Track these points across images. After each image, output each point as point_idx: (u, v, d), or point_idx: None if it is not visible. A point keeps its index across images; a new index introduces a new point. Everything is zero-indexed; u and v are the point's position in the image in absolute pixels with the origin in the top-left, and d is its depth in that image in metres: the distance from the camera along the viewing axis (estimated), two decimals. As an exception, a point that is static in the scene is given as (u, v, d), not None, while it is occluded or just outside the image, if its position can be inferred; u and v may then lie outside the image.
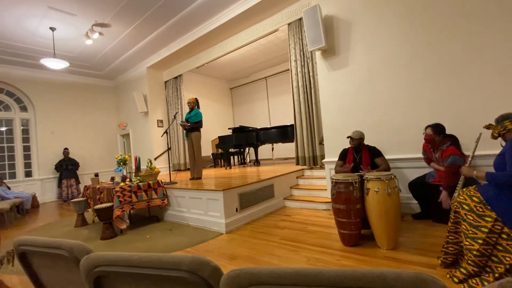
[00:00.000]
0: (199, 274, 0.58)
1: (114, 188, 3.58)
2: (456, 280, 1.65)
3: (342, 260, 2.20)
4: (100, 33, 5.53)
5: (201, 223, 3.51)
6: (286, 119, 7.57)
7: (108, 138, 8.71)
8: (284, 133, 6.25)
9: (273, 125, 8.30)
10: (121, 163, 4.30)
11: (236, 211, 3.39)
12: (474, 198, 1.68)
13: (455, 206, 1.78)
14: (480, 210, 1.62)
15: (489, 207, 1.59)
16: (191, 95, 7.10)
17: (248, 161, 8.38)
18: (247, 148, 7.84)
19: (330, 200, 2.64)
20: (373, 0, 3.49)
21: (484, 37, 2.77)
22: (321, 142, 4.45)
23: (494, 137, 1.83)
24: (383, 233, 2.29)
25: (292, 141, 5.58)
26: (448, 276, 1.73)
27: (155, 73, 7.79)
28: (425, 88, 3.15)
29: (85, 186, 4.60)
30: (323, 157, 4.29)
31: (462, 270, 1.65)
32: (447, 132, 2.73)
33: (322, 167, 4.49)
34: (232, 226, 3.27)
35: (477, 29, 2.81)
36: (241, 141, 6.66)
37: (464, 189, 1.91)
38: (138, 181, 3.89)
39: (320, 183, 4.37)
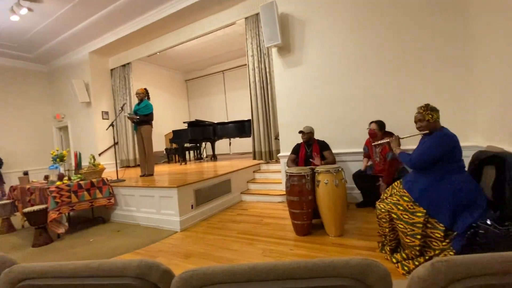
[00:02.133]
0: (147, 279, 0.53)
1: (48, 187, 3.15)
2: (394, 260, 1.86)
3: (295, 249, 2.31)
4: (29, 9, 4.74)
5: (153, 222, 3.32)
6: (244, 114, 7.57)
7: (41, 131, 7.59)
8: (242, 128, 6.25)
9: (230, 119, 8.23)
10: (58, 160, 3.79)
11: (192, 208, 3.29)
12: (405, 198, 1.86)
13: (389, 207, 1.90)
14: (412, 208, 1.80)
15: (417, 204, 1.79)
16: (141, 85, 6.58)
17: (204, 156, 8.19)
18: (203, 143, 7.65)
19: (285, 192, 2.74)
20: (325, 2, 3.67)
21: (419, 42, 3.15)
22: (276, 137, 4.57)
23: (422, 125, 1.91)
24: (332, 222, 2.46)
25: (249, 136, 5.62)
26: (386, 257, 1.95)
27: (99, 59, 7.02)
28: (369, 88, 3.46)
29: (12, 187, 3.97)
30: (278, 151, 4.42)
31: (403, 255, 1.84)
32: (387, 129, 3.06)
33: (277, 161, 4.62)
34: (187, 224, 3.16)
35: (415, 35, 3.18)
36: (197, 136, 6.46)
37: (389, 188, 2.14)
38: (78, 179, 3.48)
39: (276, 176, 4.50)
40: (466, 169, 1.97)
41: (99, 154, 6.70)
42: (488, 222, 1.53)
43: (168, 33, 5.94)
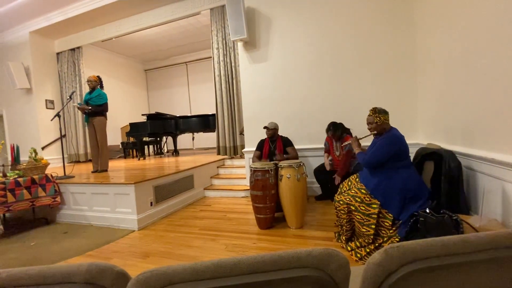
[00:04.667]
0: (99, 283, 0.48)
1: (-24, 186, 2.72)
2: (349, 248, 2.00)
3: (258, 242, 2.34)
4: None
5: (107, 221, 3.08)
6: (208, 108, 7.40)
7: (-34, 120, 6.50)
8: (206, 122, 6.10)
9: (194, 113, 7.97)
10: (-12, 154, 3.29)
11: (151, 205, 3.13)
12: (362, 191, 2.01)
13: (348, 200, 2.03)
14: (368, 199, 1.96)
15: (372, 195, 1.96)
16: (94, 72, 6.02)
17: (165, 151, 7.84)
18: (164, 137, 7.30)
19: (248, 187, 2.76)
20: (290, 0, 3.74)
21: (375, 47, 3.40)
22: (241, 133, 4.57)
23: (372, 127, 2.06)
24: (293, 214, 2.55)
25: (214, 131, 5.52)
26: (341, 246, 2.08)
27: (43, 40, 6.21)
28: (329, 87, 3.64)
29: None
30: (243, 147, 4.42)
31: (357, 243, 1.98)
32: (346, 126, 3.26)
33: (242, 156, 4.62)
34: (146, 222, 3.00)
35: (371, 41, 3.41)
36: (158, 130, 6.14)
37: (346, 181, 2.30)
38: (16, 176, 3.07)
39: (240, 172, 4.50)
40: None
41: (42, 148, 5.98)
42: (427, 210, 1.73)
43: (126, 18, 5.49)
